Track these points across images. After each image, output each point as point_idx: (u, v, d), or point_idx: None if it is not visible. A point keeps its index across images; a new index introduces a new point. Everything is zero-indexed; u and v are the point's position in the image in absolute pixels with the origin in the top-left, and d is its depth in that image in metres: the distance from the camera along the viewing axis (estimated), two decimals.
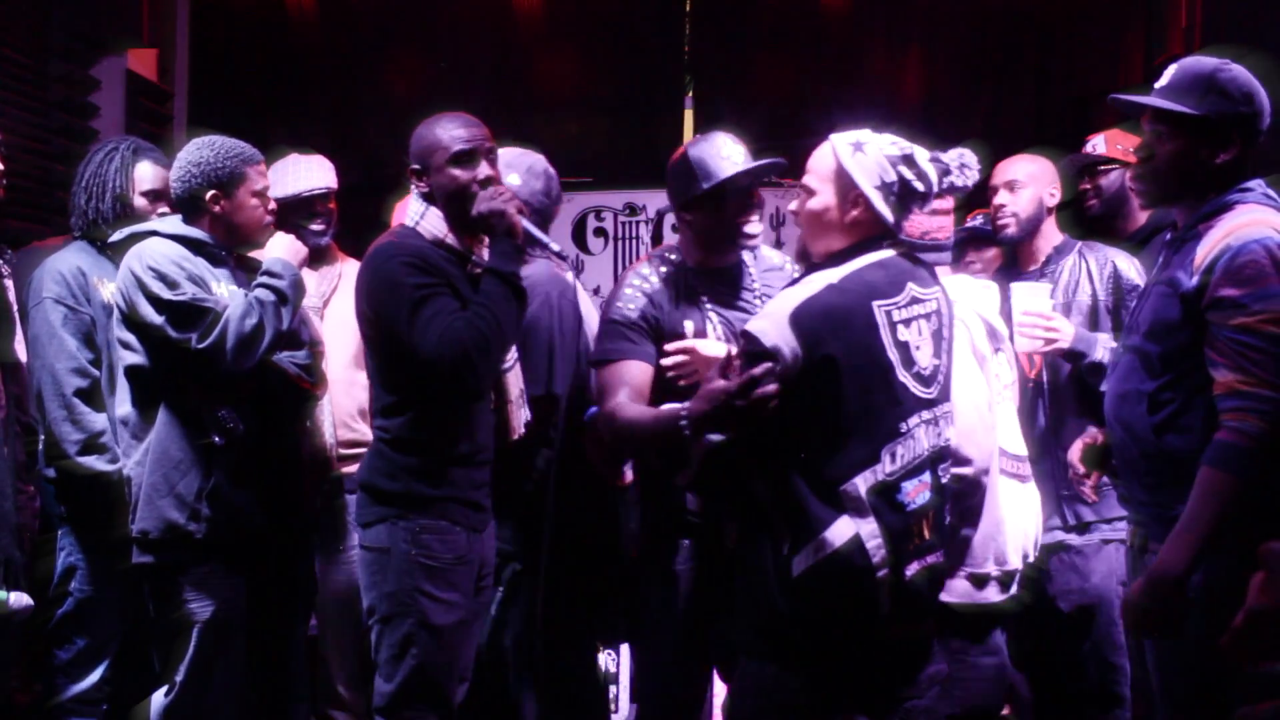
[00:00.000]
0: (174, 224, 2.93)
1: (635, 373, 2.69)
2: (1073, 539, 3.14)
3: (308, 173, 3.61)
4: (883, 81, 5.86)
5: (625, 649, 4.32)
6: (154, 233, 2.90)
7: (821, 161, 2.39)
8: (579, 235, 6.02)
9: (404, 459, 2.62)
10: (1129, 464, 2.36)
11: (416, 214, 2.67)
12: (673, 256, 2.83)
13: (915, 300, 2.31)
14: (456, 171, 2.62)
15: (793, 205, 2.44)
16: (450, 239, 2.65)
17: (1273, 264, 2.13)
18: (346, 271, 3.64)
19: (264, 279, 2.87)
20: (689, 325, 2.75)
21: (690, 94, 6.10)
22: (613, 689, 4.26)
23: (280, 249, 2.98)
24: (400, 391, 2.64)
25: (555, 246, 2.80)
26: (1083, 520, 3.15)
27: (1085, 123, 5.37)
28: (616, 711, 4.26)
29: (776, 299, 2.30)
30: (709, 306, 2.79)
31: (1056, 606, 3.13)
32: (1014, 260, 3.36)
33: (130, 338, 2.85)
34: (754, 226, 2.78)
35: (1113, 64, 5.56)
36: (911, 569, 2.24)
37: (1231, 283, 2.14)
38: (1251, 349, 2.10)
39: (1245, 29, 4.12)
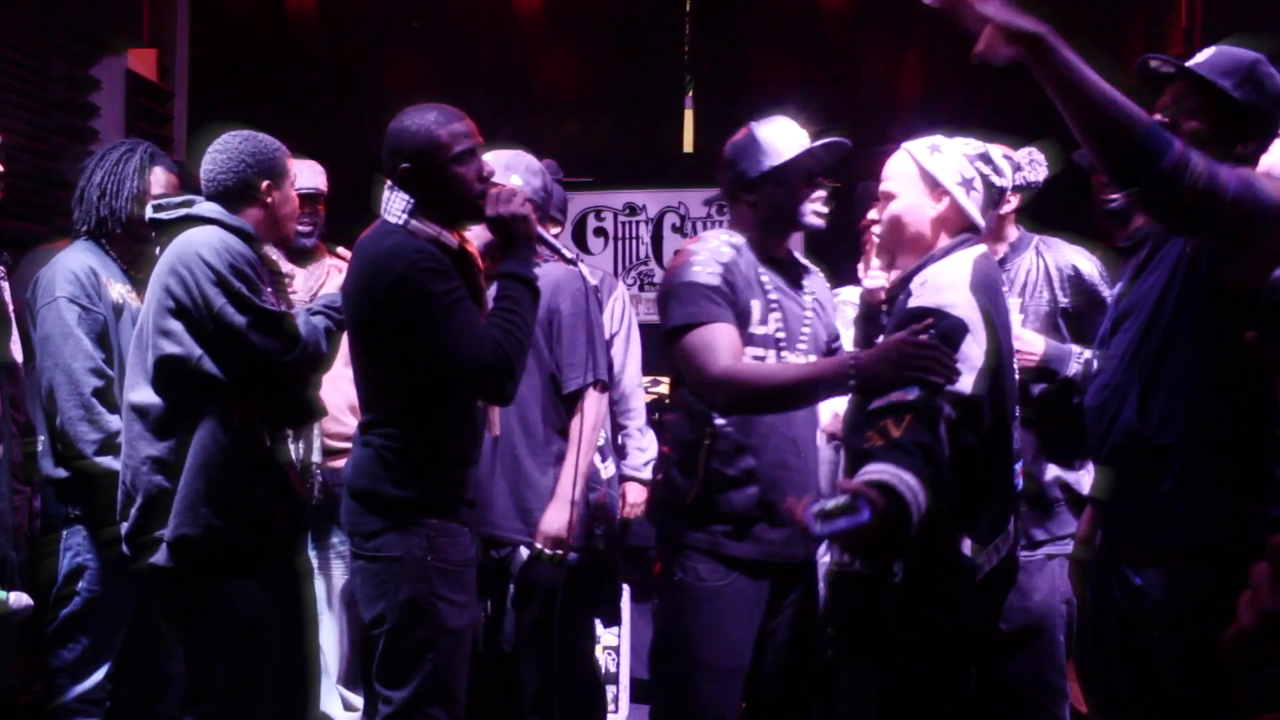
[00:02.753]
0: (222, 213, 2.78)
1: (731, 335, 2.62)
2: (1020, 555, 3.03)
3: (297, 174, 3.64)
4: (883, 81, 5.86)
5: (626, 650, 4.33)
6: (215, 221, 2.74)
7: (899, 167, 2.48)
8: (579, 235, 6.03)
9: (415, 465, 2.54)
10: (1115, 463, 2.28)
11: (402, 211, 2.54)
12: (736, 239, 2.79)
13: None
14: (461, 170, 2.54)
15: (872, 214, 2.54)
16: (444, 236, 2.55)
17: None
18: (334, 269, 3.67)
19: (331, 310, 2.81)
20: (756, 306, 2.71)
21: (690, 94, 6.12)
22: (611, 689, 4.26)
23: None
24: (409, 396, 2.56)
25: (568, 253, 2.77)
26: (1034, 539, 3.00)
27: None
28: (616, 711, 4.27)
29: (936, 279, 2.34)
30: (772, 294, 2.76)
31: (997, 628, 2.88)
32: None
33: (175, 326, 2.65)
34: (819, 206, 2.77)
35: (1113, 64, 5.54)
36: None
37: None
38: None
39: (1245, 29, 4.12)
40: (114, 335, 3.11)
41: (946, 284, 2.31)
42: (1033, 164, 2.59)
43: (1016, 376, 2.47)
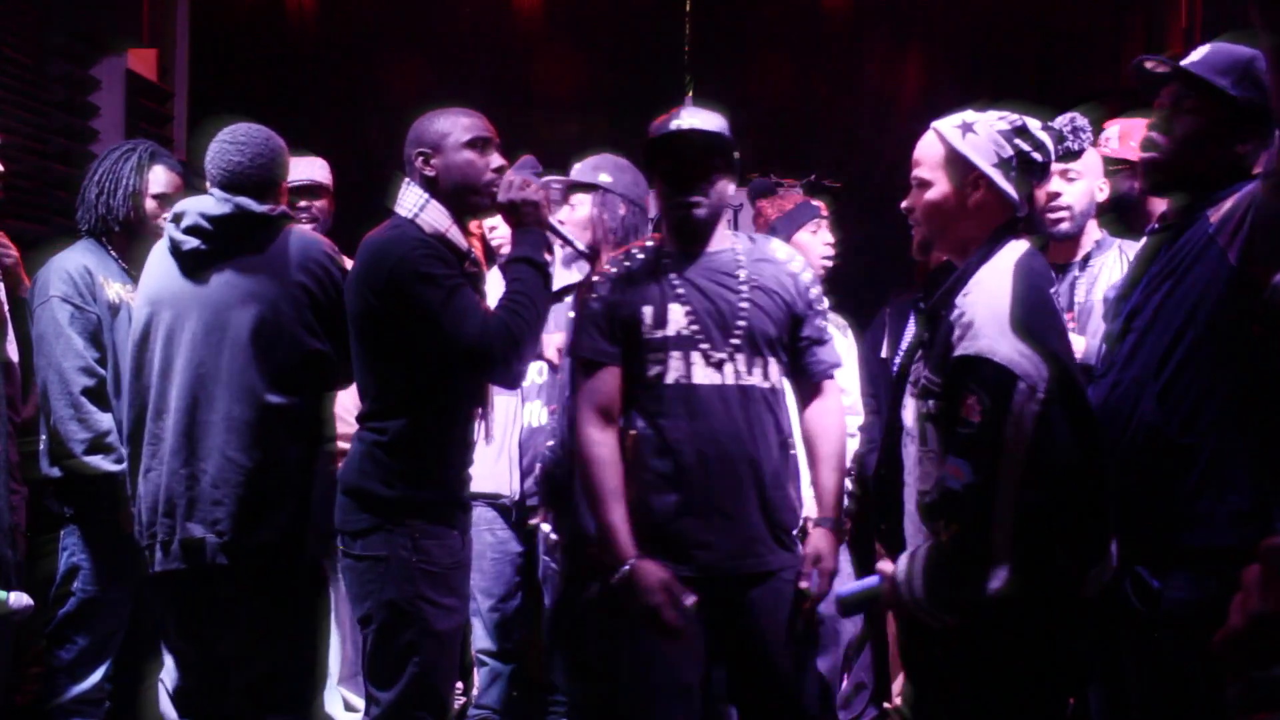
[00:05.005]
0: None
1: (599, 381, 2.63)
2: None
3: (293, 167, 3.65)
4: (883, 81, 5.86)
5: None
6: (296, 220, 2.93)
7: (929, 150, 2.27)
8: None
9: (402, 464, 2.54)
10: (1133, 462, 2.22)
11: (415, 205, 2.57)
12: (650, 244, 2.72)
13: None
14: (472, 155, 2.59)
15: (905, 203, 2.32)
16: (452, 233, 2.57)
17: None
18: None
19: None
20: (647, 311, 2.61)
21: (690, 94, 6.11)
22: None
23: None
24: (407, 390, 2.56)
25: (579, 244, 2.80)
26: None
27: None
28: None
29: (978, 308, 2.11)
30: (678, 290, 2.62)
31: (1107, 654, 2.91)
32: (1045, 252, 3.16)
33: (316, 323, 2.74)
34: (683, 198, 2.60)
35: (1113, 64, 5.56)
36: None
37: None
38: None
39: (1245, 29, 4.11)
40: (108, 335, 3.11)
41: (984, 320, 2.09)
42: (1075, 132, 2.47)
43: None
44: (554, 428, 3.23)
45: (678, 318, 2.60)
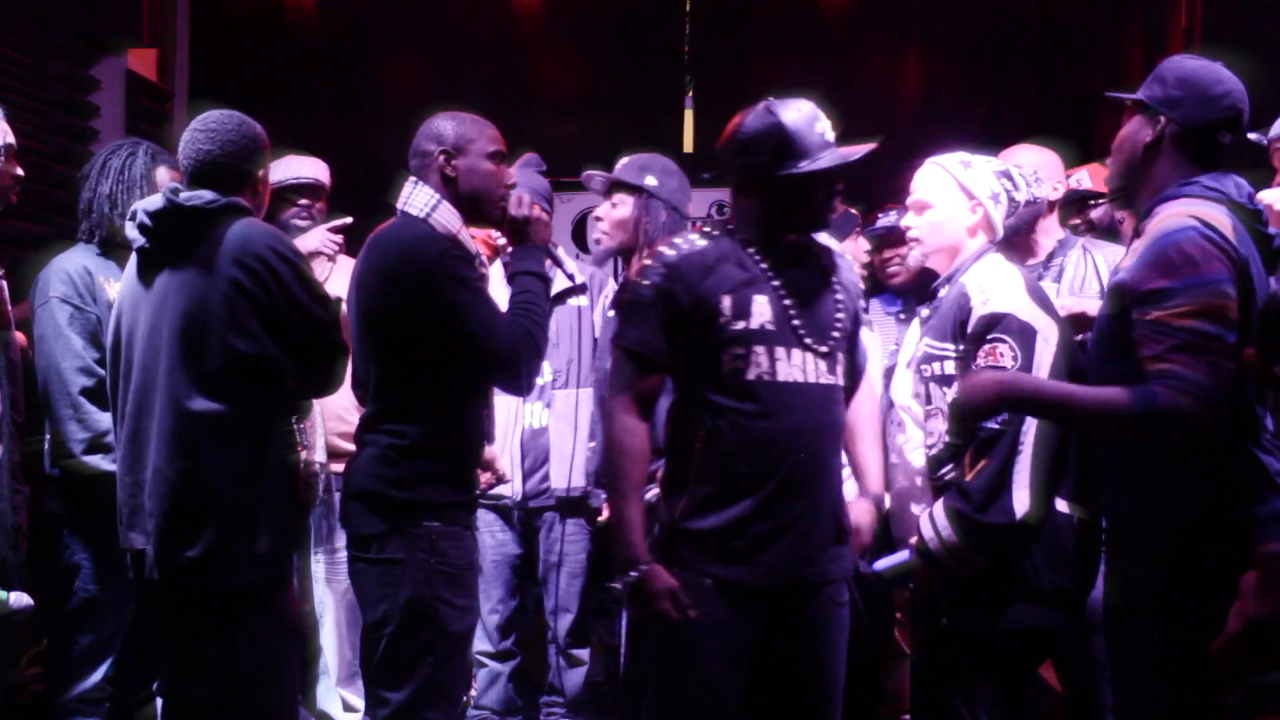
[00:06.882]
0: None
1: (629, 368, 2.49)
2: None
3: (294, 165, 3.66)
4: (883, 81, 5.86)
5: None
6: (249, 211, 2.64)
7: (934, 179, 2.67)
8: (579, 235, 6.02)
9: (421, 466, 2.51)
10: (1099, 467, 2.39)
11: (426, 205, 2.54)
12: (716, 229, 2.52)
13: None
14: (493, 167, 2.63)
15: (904, 220, 2.72)
16: (462, 235, 2.57)
17: (1181, 256, 2.08)
18: (340, 265, 3.64)
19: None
20: (726, 301, 2.41)
21: (690, 94, 6.11)
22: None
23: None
24: (424, 390, 2.53)
25: (571, 268, 2.87)
26: None
27: (1085, 123, 5.37)
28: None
29: (994, 286, 2.51)
30: (760, 281, 2.44)
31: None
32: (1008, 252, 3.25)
33: (253, 323, 2.50)
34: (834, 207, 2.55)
35: (1113, 64, 5.56)
36: None
37: (1147, 275, 2.12)
38: (1169, 338, 2.07)
39: (1245, 30, 4.12)
40: (108, 335, 3.12)
41: (1006, 291, 2.48)
42: (1038, 181, 2.84)
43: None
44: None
45: (760, 308, 2.43)
